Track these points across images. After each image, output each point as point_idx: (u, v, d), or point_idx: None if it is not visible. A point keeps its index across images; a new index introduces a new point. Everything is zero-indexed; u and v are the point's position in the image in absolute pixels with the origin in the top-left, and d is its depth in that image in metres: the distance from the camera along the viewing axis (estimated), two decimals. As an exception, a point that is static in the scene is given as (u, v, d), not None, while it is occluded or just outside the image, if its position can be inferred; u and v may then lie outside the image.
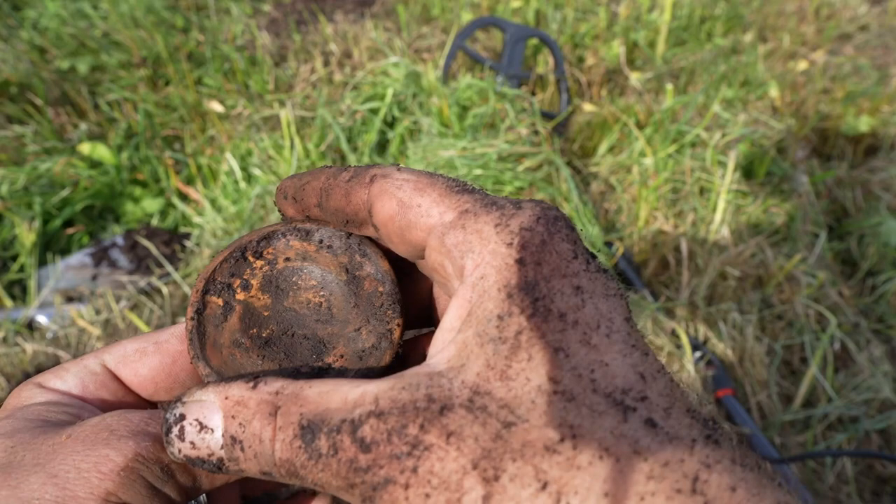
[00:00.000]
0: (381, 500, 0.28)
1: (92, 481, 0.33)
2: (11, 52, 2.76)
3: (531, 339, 0.29)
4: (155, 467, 0.35)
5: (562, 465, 0.25)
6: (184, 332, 0.42)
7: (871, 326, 1.88)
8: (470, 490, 0.26)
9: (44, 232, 2.13)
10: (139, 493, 0.34)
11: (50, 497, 0.32)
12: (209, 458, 0.33)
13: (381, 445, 0.28)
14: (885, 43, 3.19)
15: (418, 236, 0.35)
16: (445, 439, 0.27)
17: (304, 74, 2.70)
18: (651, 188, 2.06)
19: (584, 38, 2.95)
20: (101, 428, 0.35)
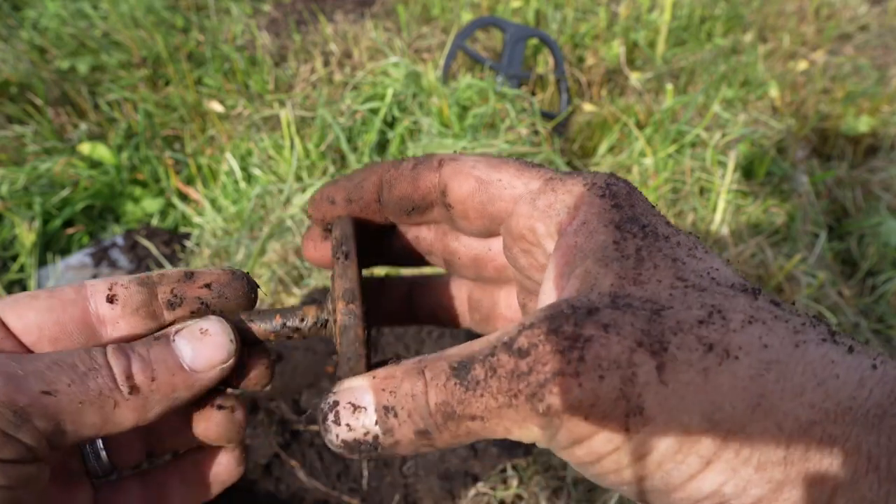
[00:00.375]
0: (553, 394, 0.29)
1: None
2: (11, 52, 2.76)
3: (651, 252, 0.33)
4: (6, 410, 0.32)
5: (718, 331, 0.29)
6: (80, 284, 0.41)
7: (871, 326, 1.88)
8: (642, 364, 0.29)
9: (44, 232, 2.13)
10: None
11: None
12: (365, 437, 0.34)
13: (540, 346, 0.30)
14: (885, 43, 3.20)
15: (502, 207, 0.38)
16: (603, 330, 0.29)
17: (304, 74, 2.70)
18: (651, 188, 2.06)
19: (584, 38, 2.95)
20: None
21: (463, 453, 1.41)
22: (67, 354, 0.36)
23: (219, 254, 2.04)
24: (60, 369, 0.35)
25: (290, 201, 2.15)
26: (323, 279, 1.89)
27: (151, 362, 0.38)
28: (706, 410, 0.28)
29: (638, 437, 0.29)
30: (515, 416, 0.31)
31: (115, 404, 0.36)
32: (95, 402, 0.35)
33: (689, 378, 0.28)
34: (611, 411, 0.29)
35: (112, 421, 0.36)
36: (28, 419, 0.33)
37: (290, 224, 2.06)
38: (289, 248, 1.98)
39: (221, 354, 0.39)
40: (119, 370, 0.37)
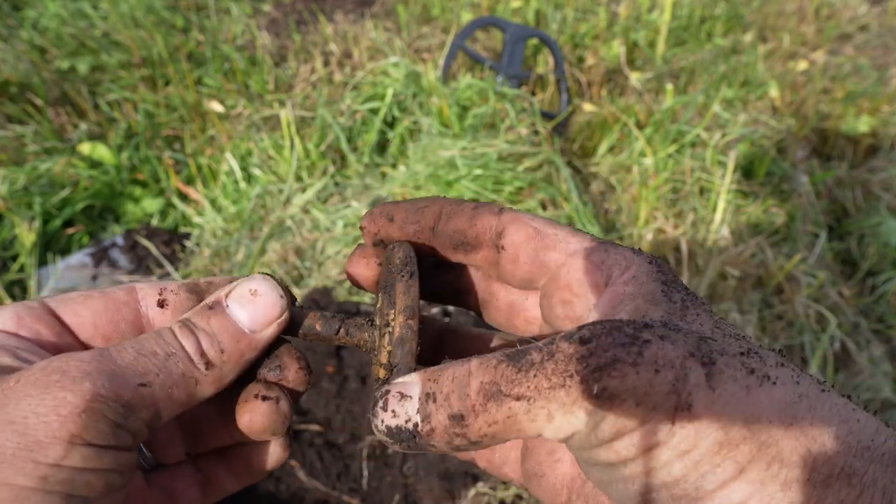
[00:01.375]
0: (611, 377, 0.31)
1: (52, 425, 0.32)
2: (11, 52, 2.76)
3: (695, 304, 0.37)
4: (115, 405, 0.34)
5: (757, 363, 0.33)
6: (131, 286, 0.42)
7: (871, 326, 1.88)
8: (692, 369, 0.31)
9: (44, 232, 2.13)
10: (103, 433, 0.34)
11: (12, 444, 0.32)
12: (406, 424, 0.36)
13: (603, 337, 0.32)
14: (885, 43, 3.19)
15: (554, 257, 0.42)
16: (659, 338, 0.32)
17: (304, 74, 2.70)
18: (651, 188, 2.06)
19: (584, 38, 2.94)
20: (52, 370, 0.34)
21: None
22: (145, 341, 0.38)
23: (219, 254, 2.04)
24: (147, 359, 0.37)
25: (290, 201, 2.15)
26: (322, 279, 1.89)
27: (216, 335, 0.40)
28: (747, 419, 0.31)
29: (683, 432, 0.31)
30: (565, 399, 0.32)
31: (197, 382, 0.39)
32: (181, 384, 0.38)
33: (734, 390, 0.31)
34: (661, 403, 0.31)
35: (195, 396, 0.39)
36: (134, 411, 0.36)
37: (290, 224, 2.06)
38: (289, 248, 1.98)
39: (275, 311, 0.41)
40: (192, 349, 0.39)
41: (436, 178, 1.96)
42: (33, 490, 0.31)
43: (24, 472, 0.31)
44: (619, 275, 0.39)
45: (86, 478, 0.33)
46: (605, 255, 0.40)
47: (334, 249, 1.94)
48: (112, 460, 0.34)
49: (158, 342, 0.39)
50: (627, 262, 0.39)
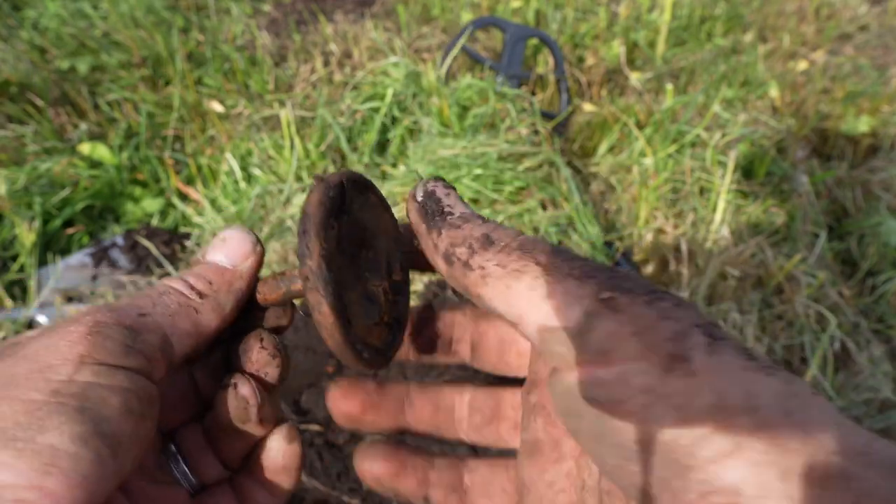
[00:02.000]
0: (623, 295, 0.32)
1: (62, 349, 0.35)
2: (11, 52, 2.76)
3: None
4: (118, 327, 0.37)
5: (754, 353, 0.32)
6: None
7: (871, 326, 1.88)
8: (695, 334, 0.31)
9: (44, 232, 2.13)
10: (112, 351, 0.36)
11: (24, 370, 0.34)
12: (437, 205, 0.39)
13: (630, 275, 0.33)
14: (885, 43, 3.19)
15: None
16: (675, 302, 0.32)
17: (304, 74, 2.70)
18: (651, 188, 2.06)
19: (584, 38, 2.94)
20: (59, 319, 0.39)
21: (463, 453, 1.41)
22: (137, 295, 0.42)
23: (219, 254, 2.04)
24: (141, 298, 0.41)
25: (290, 201, 2.15)
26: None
27: (201, 274, 0.44)
28: (747, 392, 0.29)
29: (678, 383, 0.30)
30: (571, 290, 0.33)
31: (196, 310, 0.42)
32: (180, 312, 0.41)
33: (733, 363, 0.30)
34: (661, 345, 0.30)
35: (201, 324, 0.42)
36: (139, 333, 0.38)
37: (290, 224, 2.06)
38: (289, 247, 1.98)
39: (246, 245, 0.45)
40: (182, 286, 0.43)
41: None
42: (45, 402, 0.32)
43: (37, 388, 0.33)
44: None
45: (98, 392, 0.34)
46: None
47: (334, 249, 1.94)
48: (126, 379, 0.36)
49: (150, 290, 0.43)
50: None
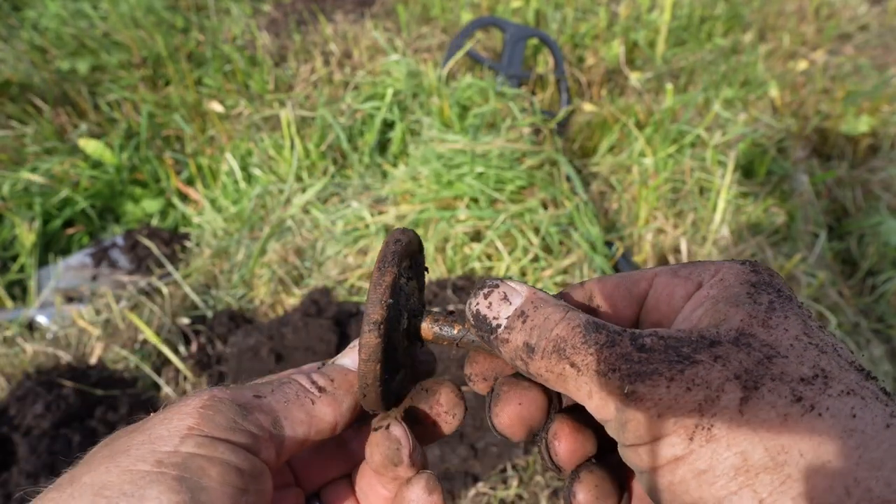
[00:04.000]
0: (643, 384, 0.33)
1: (173, 422, 0.37)
2: (12, 52, 2.76)
3: (784, 306, 0.36)
4: (230, 403, 0.39)
5: (814, 391, 0.31)
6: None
7: (871, 326, 1.88)
8: (729, 392, 0.32)
9: (44, 232, 2.13)
10: (219, 425, 0.38)
11: (137, 442, 0.36)
12: (492, 320, 0.40)
13: (657, 352, 0.34)
14: (885, 43, 3.19)
15: (644, 286, 0.43)
16: (713, 359, 0.33)
17: (304, 74, 2.70)
18: (651, 188, 2.06)
19: (584, 38, 2.94)
20: (180, 399, 0.40)
21: (463, 453, 1.41)
22: (261, 381, 0.45)
23: (219, 254, 2.04)
24: (261, 385, 0.43)
25: (290, 201, 2.15)
26: (322, 279, 1.89)
27: (326, 373, 0.46)
28: (773, 449, 0.29)
29: (701, 451, 0.31)
30: (604, 386, 0.34)
31: (312, 401, 0.43)
32: (296, 401, 0.43)
33: (767, 416, 0.30)
34: (683, 419, 0.31)
35: (315, 416, 0.43)
36: (251, 412, 0.40)
37: (290, 224, 2.06)
38: (289, 248, 1.98)
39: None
40: (304, 380, 0.45)
41: (438, 177, 1.96)
42: (148, 472, 0.34)
43: (144, 459, 0.35)
44: (710, 276, 0.40)
45: (198, 462, 0.36)
46: (694, 268, 0.41)
47: (334, 249, 1.94)
48: (228, 452, 0.37)
49: (273, 380, 0.45)
50: (717, 267, 0.40)
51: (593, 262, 1.84)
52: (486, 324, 0.41)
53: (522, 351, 0.38)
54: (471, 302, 0.42)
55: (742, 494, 0.29)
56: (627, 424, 0.34)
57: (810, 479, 0.28)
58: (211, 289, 1.96)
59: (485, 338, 0.41)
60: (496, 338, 0.40)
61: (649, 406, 0.33)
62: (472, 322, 0.41)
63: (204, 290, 1.95)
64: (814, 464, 0.28)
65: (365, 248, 1.93)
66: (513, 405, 0.43)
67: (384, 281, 0.42)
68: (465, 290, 1.73)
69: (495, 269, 1.83)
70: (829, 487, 0.28)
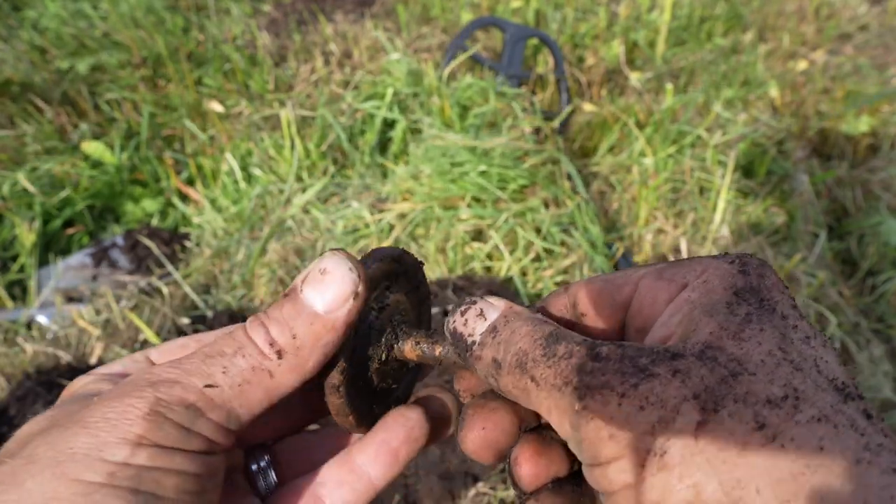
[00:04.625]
0: (594, 400, 0.31)
1: (120, 427, 0.34)
2: (11, 52, 2.76)
3: (761, 318, 0.33)
4: (179, 408, 0.36)
5: (780, 416, 0.28)
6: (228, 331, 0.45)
7: (871, 326, 1.88)
8: (686, 413, 0.29)
9: (44, 232, 2.12)
10: (170, 434, 0.35)
11: (83, 445, 0.34)
12: (467, 337, 0.39)
13: (612, 361, 0.32)
14: (885, 43, 3.20)
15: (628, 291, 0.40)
16: (672, 374, 0.30)
17: (304, 74, 2.70)
18: (651, 188, 2.06)
19: (584, 38, 2.95)
20: (125, 383, 0.37)
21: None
22: (214, 344, 0.39)
23: (219, 254, 2.04)
24: (213, 360, 0.38)
25: (291, 201, 2.15)
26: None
27: (288, 321, 0.39)
28: (727, 483, 0.27)
29: (653, 480, 0.29)
30: (559, 402, 0.33)
31: (271, 374, 0.38)
32: (252, 380, 0.37)
33: (724, 446, 0.28)
34: (635, 442, 0.29)
35: (275, 389, 0.38)
36: (202, 414, 0.36)
37: (291, 224, 2.06)
38: (289, 248, 1.98)
39: (347, 286, 0.39)
40: (261, 340, 0.38)
41: (440, 176, 1.96)
42: (101, 485, 0.32)
43: (94, 469, 0.33)
44: (694, 277, 0.37)
45: (153, 475, 0.34)
46: (679, 268, 0.38)
47: (334, 249, 1.94)
48: (184, 461, 0.35)
49: (227, 341, 0.39)
50: (704, 266, 0.37)
51: (594, 262, 1.84)
52: (462, 342, 0.39)
53: (492, 367, 0.37)
54: (449, 320, 0.40)
55: None
56: (581, 444, 0.32)
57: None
58: (211, 289, 1.96)
59: (462, 356, 0.40)
60: (471, 355, 0.39)
61: (599, 426, 0.31)
62: (451, 340, 0.41)
63: (204, 290, 1.95)
64: (770, 498, 0.26)
65: (365, 248, 1.93)
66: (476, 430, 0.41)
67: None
68: (465, 290, 1.73)
69: (496, 269, 1.83)
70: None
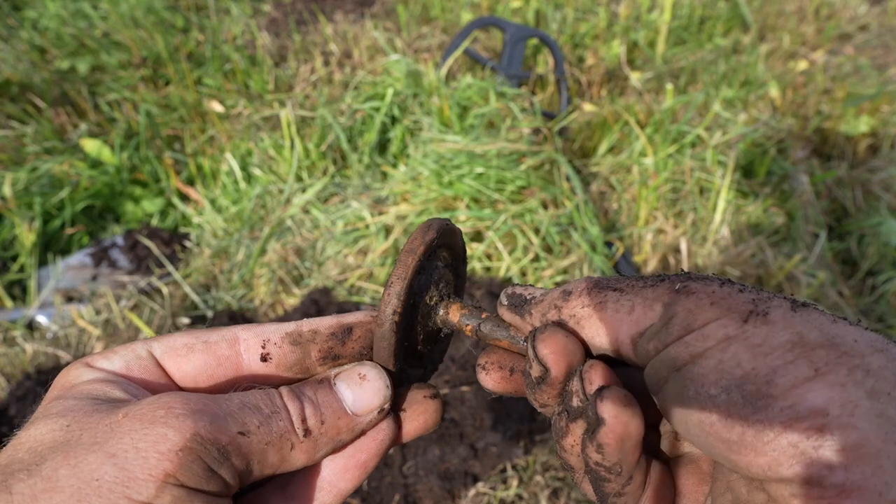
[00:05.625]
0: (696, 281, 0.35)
1: (150, 461, 0.33)
2: (12, 52, 2.76)
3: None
4: (212, 448, 0.35)
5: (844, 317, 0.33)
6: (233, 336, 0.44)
7: (870, 326, 1.88)
8: (780, 301, 0.33)
9: (44, 232, 2.13)
10: (196, 475, 0.35)
11: (109, 478, 0.33)
12: (527, 295, 0.43)
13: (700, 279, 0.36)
14: (885, 43, 3.19)
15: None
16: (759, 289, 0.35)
17: (304, 74, 2.70)
18: (651, 188, 2.06)
19: (584, 38, 2.94)
20: (159, 406, 0.36)
21: (463, 453, 1.41)
22: (252, 396, 0.40)
23: (219, 254, 2.04)
24: (250, 411, 0.38)
25: (290, 201, 2.15)
26: (322, 279, 1.89)
27: (320, 406, 0.41)
28: (827, 333, 0.30)
29: (754, 330, 0.31)
30: (649, 294, 0.36)
31: (292, 446, 0.39)
32: (277, 444, 0.39)
33: (818, 318, 0.32)
34: (737, 307, 0.33)
35: (287, 461, 0.40)
36: (228, 458, 0.36)
37: (290, 224, 2.06)
38: (289, 248, 1.98)
39: (379, 399, 0.42)
40: (295, 413, 0.40)
41: (438, 177, 1.96)
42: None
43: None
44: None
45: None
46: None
47: (334, 249, 1.94)
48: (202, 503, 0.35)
49: (264, 399, 0.40)
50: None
51: (593, 262, 1.84)
52: (520, 298, 0.43)
53: (558, 299, 0.40)
54: (507, 290, 0.44)
55: (798, 364, 0.29)
56: (674, 318, 0.34)
57: (866, 357, 0.29)
58: (211, 289, 1.96)
59: (515, 308, 0.42)
60: (528, 303, 0.42)
61: (702, 297, 0.34)
62: (506, 302, 0.43)
63: (204, 290, 1.95)
64: (868, 349, 0.30)
65: (365, 248, 1.93)
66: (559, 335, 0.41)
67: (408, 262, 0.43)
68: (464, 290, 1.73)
69: (495, 270, 1.83)
70: (885, 366, 0.29)
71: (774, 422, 0.29)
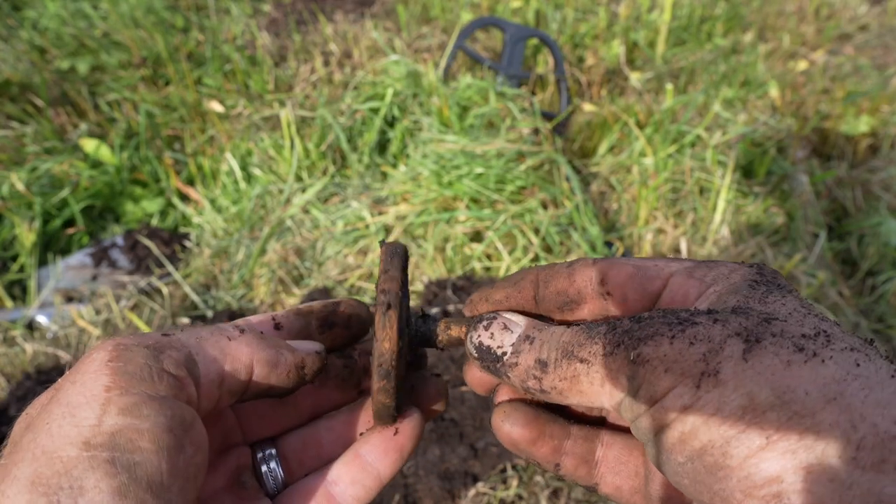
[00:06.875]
0: (647, 346, 0.35)
1: (87, 384, 0.35)
2: (11, 52, 2.76)
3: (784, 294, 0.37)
4: (139, 348, 0.37)
5: (816, 344, 0.32)
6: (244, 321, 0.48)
7: (871, 326, 1.88)
8: (731, 345, 0.33)
9: (44, 232, 2.13)
10: (135, 376, 0.36)
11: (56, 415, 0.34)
12: (496, 349, 0.42)
13: (655, 318, 0.36)
14: (885, 43, 3.19)
15: (659, 284, 0.43)
16: (712, 322, 0.34)
17: (304, 74, 2.70)
18: (651, 188, 2.06)
19: (584, 38, 2.95)
20: (90, 350, 0.38)
21: (463, 453, 1.41)
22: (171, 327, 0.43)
23: (219, 254, 2.04)
24: (169, 327, 0.44)
25: (290, 201, 2.15)
26: (322, 279, 1.89)
27: (250, 320, 0.46)
28: (778, 389, 0.30)
29: (708, 396, 0.32)
30: (613, 364, 0.36)
31: (228, 338, 0.42)
32: (209, 337, 0.41)
33: (771, 363, 0.31)
34: (689, 370, 0.33)
35: (230, 353, 0.41)
36: (162, 351, 0.38)
37: (290, 224, 2.06)
38: (289, 248, 1.98)
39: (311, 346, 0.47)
40: (223, 325, 0.44)
41: (437, 177, 1.96)
42: (79, 459, 0.32)
43: (70, 440, 0.33)
44: (723, 277, 0.41)
45: (126, 436, 0.34)
46: (709, 269, 0.42)
47: (334, 249, 1.94)
48: (154, 412, 0.35)
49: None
50: (730, 270, 0.41)
51: (593, 262, 1.84)
52: (490, 353, 0.42)
53: (535, 369, 0.40)
54: (472, 335, 0.43)
55: (749, 433, 0.30)
56: (639, 391, 0.35)
57: (816, 414, 0.29)
58: (211, 289, 1.96)
59: (490, 367, 0.42)
60: (503, 364, 0.41)
61: (655, 364, 0.34)
62: (476, 355, 0.42)
63: (204, 290, 1.95)
64: (819, 401, 0.29)
65: (365, 248, 1.93)
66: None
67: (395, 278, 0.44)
68: (465, 290, 1.73)
69: (495, 269, 1.83)
70: (836, 422, 0.28)
71: (735, 490, 0.30)
